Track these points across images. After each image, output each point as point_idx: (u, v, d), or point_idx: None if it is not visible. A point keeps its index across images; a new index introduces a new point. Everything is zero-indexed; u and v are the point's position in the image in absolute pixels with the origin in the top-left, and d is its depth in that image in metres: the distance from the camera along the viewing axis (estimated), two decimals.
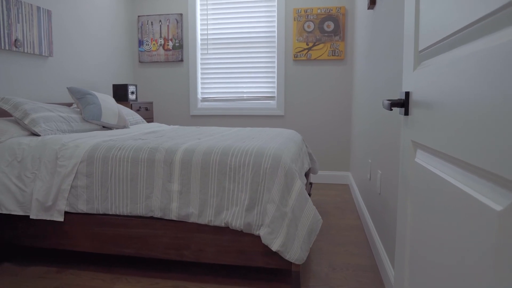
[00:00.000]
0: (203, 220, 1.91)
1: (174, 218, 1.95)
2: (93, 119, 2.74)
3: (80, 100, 2.79)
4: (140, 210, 2.00)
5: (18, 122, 2.40)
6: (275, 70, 4.34)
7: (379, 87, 2.34)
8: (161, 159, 1.99)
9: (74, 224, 2.11)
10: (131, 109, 3.75)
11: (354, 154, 3.84)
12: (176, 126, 3.40)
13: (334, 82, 4.24)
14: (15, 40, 2.80)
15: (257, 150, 1.95)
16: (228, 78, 4.45)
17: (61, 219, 2.07)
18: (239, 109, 4.43)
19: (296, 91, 4.32)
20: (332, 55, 4.19)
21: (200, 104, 4.55)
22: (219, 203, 1.90)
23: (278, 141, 2.28)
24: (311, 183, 3.19)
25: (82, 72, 3.65)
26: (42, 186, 2.07)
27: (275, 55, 4.32)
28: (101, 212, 2.05)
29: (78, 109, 2.84)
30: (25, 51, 2.90)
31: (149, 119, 4.11)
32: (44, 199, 2.06)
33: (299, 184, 1.85)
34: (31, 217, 2.06)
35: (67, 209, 2.08)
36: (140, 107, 3.92)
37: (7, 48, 2.72)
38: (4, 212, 2.10)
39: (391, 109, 0.99)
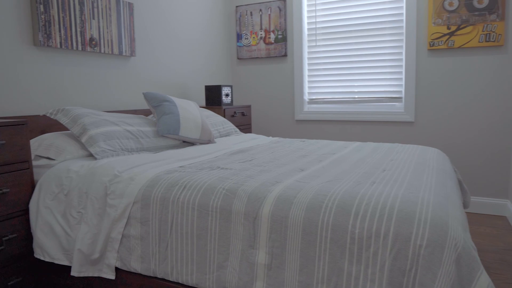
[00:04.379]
0: None
1: None
2: (169, 133, 2.17)
3: (156, 109, 2.25)
4: (209, 283, 1.32)
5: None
6: (403, 63, 3.35)
7: None
8: (241, 211, 1.28)
9: (125, 286, 1.53)
10: (224, 115, 3.16)
11: None
12: (276, 139, 2.69)
13: (488, 77, 3.10)
14: (90, 39, 2.38)
15: (400, 206, 1.12)
16: (341, 75, 3.60)
17: (112, 276, 1.51)
18: (355, 113, 3.55)
19: (432, 90, 3.28)
20: (486, 41, 3.06)
21: (307, 107, 3.79)
22: None
23: (429, 179, 1.41)
24: None
25: (169, 73, 3.17)
26: (87, 232, 1.53)
27: (403, 44, 3.34)
28: (159, 276, 1.44)
29: (155, 120, 2.31)
30: (102, 51, 2.46)
31: (246, 125, 3.49)
32: (89, 250, 1.52)
33: (486, 281, 0.97)
34: (72, 273, 1.53)
35: (118, 265, 1.51)
36: (235, 112, 3.31)
37: (80, 48, 2.31)
38: (47, 259, 1.61)
39: None
